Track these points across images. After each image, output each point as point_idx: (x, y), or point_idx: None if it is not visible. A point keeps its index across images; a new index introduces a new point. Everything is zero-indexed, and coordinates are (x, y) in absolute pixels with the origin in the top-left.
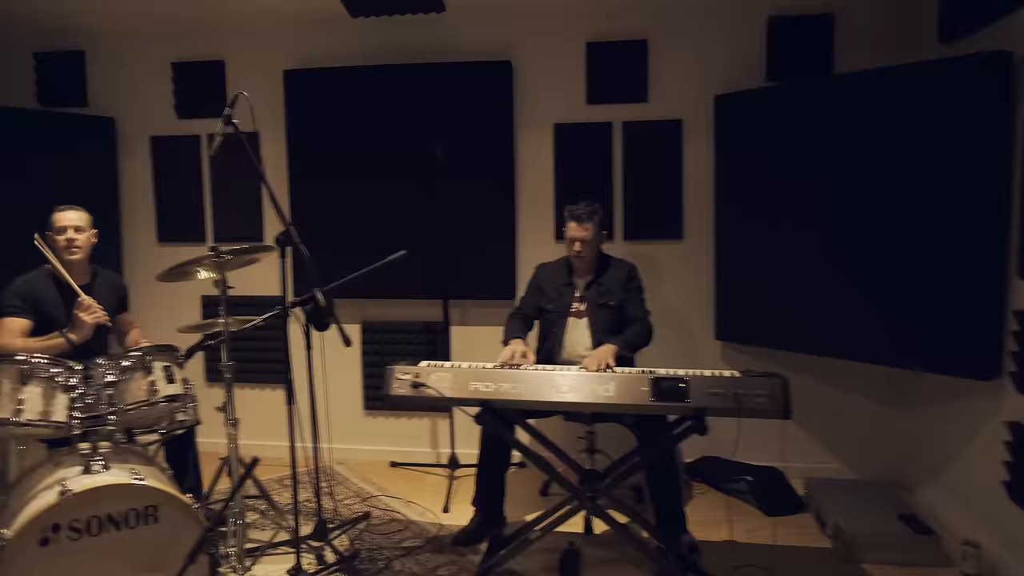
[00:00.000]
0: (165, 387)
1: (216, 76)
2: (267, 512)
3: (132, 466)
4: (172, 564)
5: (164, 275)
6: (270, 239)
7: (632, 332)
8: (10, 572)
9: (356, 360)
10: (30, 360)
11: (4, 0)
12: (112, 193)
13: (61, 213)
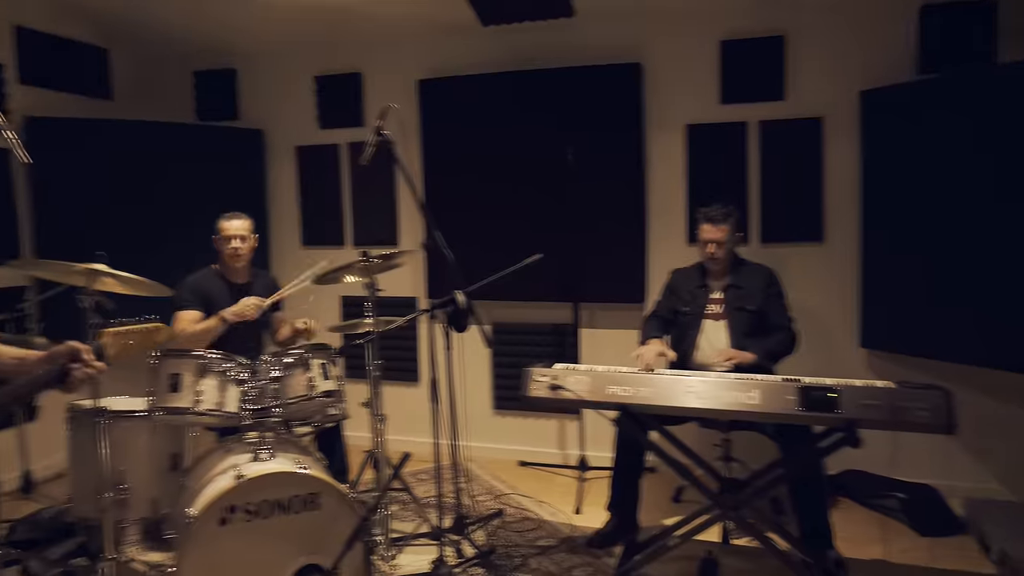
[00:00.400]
0: (322, 383)
1: (354, 87)
2: (407, 504)
3: (295, 455)
4: (330, 548)
5: (320, 278)
6: (405, 243)
7: (775, 341)
8: (194, 546)
9: (485, 361)
10: (207, 355)
11: (169, 26)
12: (261, 199)
13: (227, 221)
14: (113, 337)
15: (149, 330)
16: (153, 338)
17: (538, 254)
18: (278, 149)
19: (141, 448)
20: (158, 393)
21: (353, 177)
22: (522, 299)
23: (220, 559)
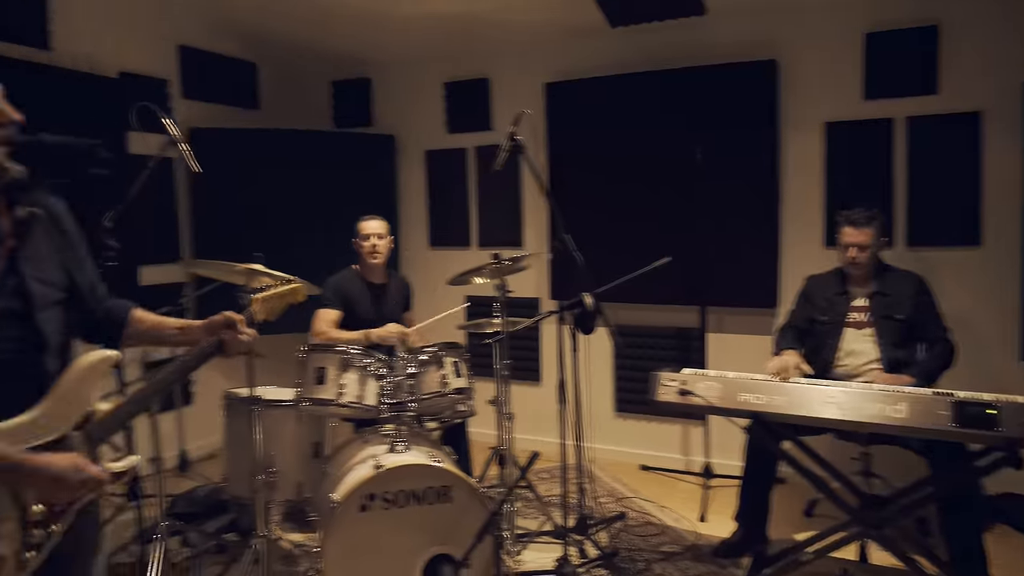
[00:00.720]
0: (454, 380)
1: (482, 93)
2: (531, 501)
3: (427, 449)
4: (460, 540)
5: (454, 279)
6: (530, 244)
7: (932, 356)
8: (337, 530)
9: (608, 363)
10: (349, 351)
11: (310, 40)
12: (392, 202)
13: (366, 222)
14: (261, 303)
15: (288, 291)
16: (294, 297)
17: (667, 257)
18: (408, 153)
19: (288, 435)
20: (305, 385)
21: (479, 180)
22: (647, 302)
23: (359, 543)
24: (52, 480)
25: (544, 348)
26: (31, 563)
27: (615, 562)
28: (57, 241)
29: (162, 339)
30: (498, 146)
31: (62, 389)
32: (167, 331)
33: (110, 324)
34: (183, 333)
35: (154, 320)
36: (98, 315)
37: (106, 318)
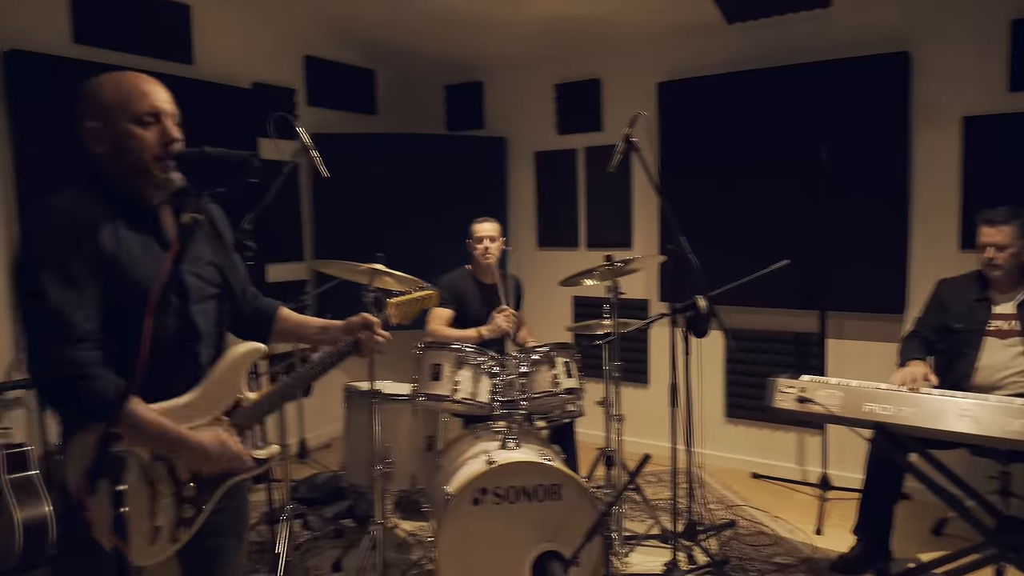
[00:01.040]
0: (565, 380)
1: (592, 93)
2: (638, 504)
3: (538, 447)
4: (569, 538)
5: (566, 281)
6: (639, 246)
7: None
8: (450, 521)
9: (718, 367)
10: (464, 348)
11: (425, 47)
12: (502, 203)
13: (479, 224)
14: (396, 307)
15: (422, 297)
16: (425, 303)
17: (785, 260)
18: (518, 155)
19: (404, 428)
20: (421, 380)
21: (588, 181)
22: (762, 305)
23: (471, 535)
24: (199, 453)
25: (652, 350)
26: (182, 536)
27: (725, 570)
28: (214, 244)
29: (304, 337)
30: (608, 147)
31: (215, 376)
32: (309, 330)
33: (258, 322)
34: (323, 332)
35: (298, 319)
36: (248, 313)
37: (255, 316)
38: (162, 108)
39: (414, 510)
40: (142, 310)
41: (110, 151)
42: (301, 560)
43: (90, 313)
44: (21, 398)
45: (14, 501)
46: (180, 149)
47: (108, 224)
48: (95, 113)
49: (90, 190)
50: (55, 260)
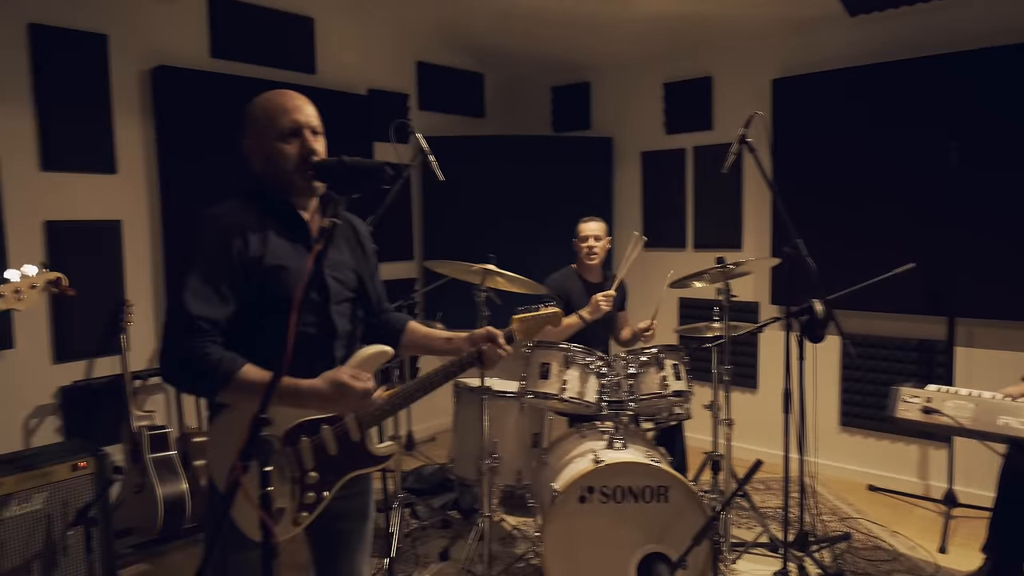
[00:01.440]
0: (674, 383)
1: (703, 92)
2: (746, 511)
3: (644, 448)
4: (675, 540)
5: (675, 282)
6: (749, 247)
7: None
8: (556, 517)
9: (833, 373)
10: (571, 348)
11: (532, 49)
12: (608, 203)
13: (585, 223)
14: (520, 323)
15: (549, 315)
16: (550, 322)
17: (910, 263)
18: (624, 155)
19: (511, 425)
20: (530, 378)
21: (697, 180)
22: (883, 310)
23: (577, 532)
24: (315, 396)
25: (762, 354)
26: (303, 520)
27: None
28: (354, 250)
29: (431, 349)
30: (719, 146)
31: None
32: (436, 342)
33: (388, 332)
34: (449, 344)
35: (425, 331)
36: (377, 323)
37: (385, 327)
38: (302, 123)
39: (519, 505)
40: (285, 308)
41: (263, 164)
42: (411, 547)
43: (220, 309)
44: (162, 384)
45: (156, 478)
46: (322, 159)
47: (258, 230)
48: (250, 130)
49: (248, 200)
50: (199, 260)
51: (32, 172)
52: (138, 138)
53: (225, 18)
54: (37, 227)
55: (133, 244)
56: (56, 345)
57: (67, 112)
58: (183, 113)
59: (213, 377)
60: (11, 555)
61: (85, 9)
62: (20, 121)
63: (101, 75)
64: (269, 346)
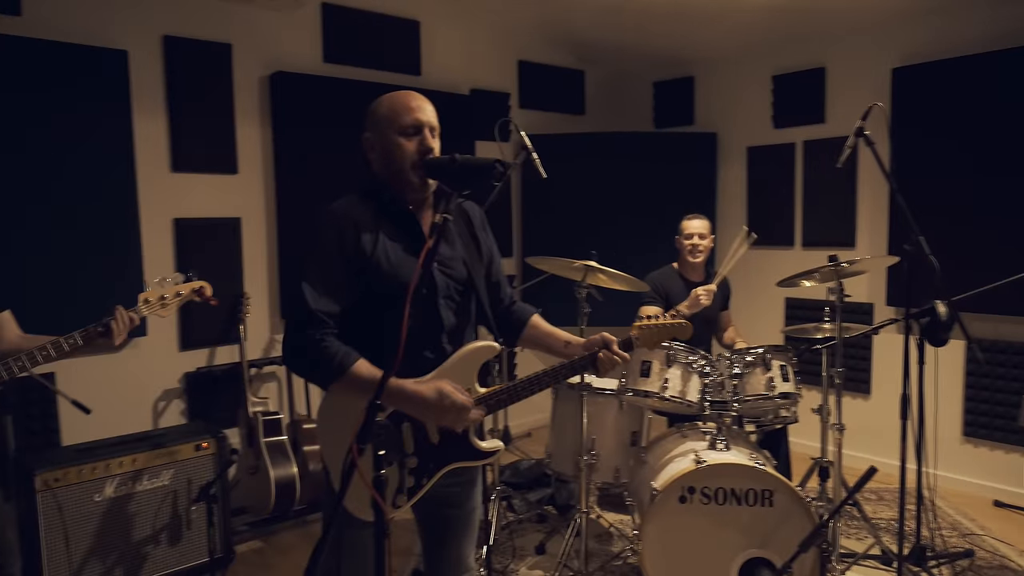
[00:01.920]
0: (781, 384)
1: (815, 83)
2: (855, 521)
3: (748, 451)
4: (779, 546)
5: (784, 281)
6: (864, 245)
7: None
8: (656, 516)
9: (957, 380)
10: (673, 346)
11: (634, 45)
12: (711, 200)
13: (688, 221)
14: (642, 331)
15: (674, 326)
16: (676, 333)
17: None
18: (729, 150)
19: (609, 422)
20: (630, 376)
21: (806, 176)
22: (1014, 313)
23: (676, 533)
24: (419, 402)
25: (876, 358)
26: (401, 503)
27: None
28: (467, 243)
29: (549, 348)
30: (832, 140)
31: (448, 366)
32: (556, 341)
33: (511, 324)
34: (565, 348)
35: (547, 329)
36: (501, 314)
37: (508, 318)
38: (423, 121)
39: (617, 504)
40: (395, 301)
41: (379, 159)
42: (507, 539)
43: (337, 301)
44: (275, 372)
45: (269, 461)
46: (435, 157)
47: (371, 225)
48: (372, 125)
49: (364, 197)
50: (318, 261)
51: (163, 173)
52: (256, 140)
53: (336, 24)
54: (167, 224)
55: (251, 240)
56: (182, 334)
57: (195, 117)
58: (297, 116)
59: (329, 369)
60: (143, 526)
61: (211, 20)
62: (154, 126)
63: (225, 82)
64: (379, 339)
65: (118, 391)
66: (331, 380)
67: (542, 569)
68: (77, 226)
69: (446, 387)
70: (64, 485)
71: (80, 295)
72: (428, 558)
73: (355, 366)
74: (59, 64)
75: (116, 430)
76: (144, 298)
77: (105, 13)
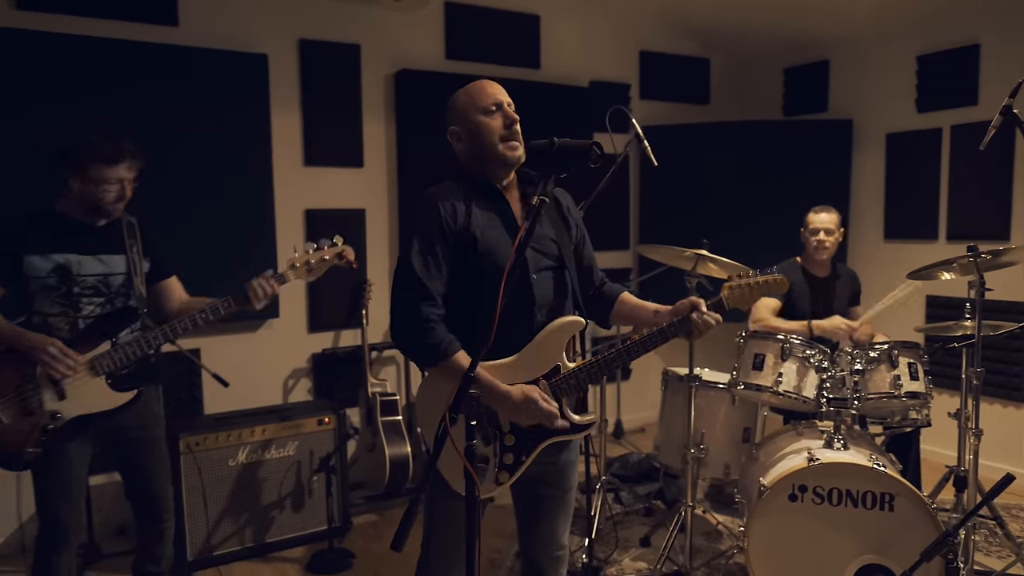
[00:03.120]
0: (908, 383)
1: (968, 62)
2: (996, 537)
3: (868, 452)
4: (899, 554)
5: (915, 273)
6: (1019, 237)
7: None
8: (763, 513)
9: None
10: (789, 340)
11: (764, 30)
12: (844, 191)
13: (816, 215)
14: (731, 289)
15: (768, 281)
16: (770, 290)
17: None
18: (865, 138)
19: (720, 416)
20: (741, 369)
21: (952, 163)
22: None
23: (785, 532)
24: (505, 401)
25: None
26: (503, 479)
27: None
28: (556, 223)
29: (640, 319)
30: (985, 123)
31: (537, 341)
32: (644, 313)
33: (602, 302)
34: (655, 317)
35: (636, 303)
36: (592, 293)
37: (600, 297)
38: (501, 99)
39: (726, 503)
40: (490, 277)
41: (467, 145)
42: (612, 530)
43: (440, 278)
44: (394, 356)
45: (385, 439)
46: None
47: (464, 206)
48: (454, 118)
49: (456, 180)
50: (420, 236)
51: (296, 167)
52: (381, 135)
53: (458, 21)
54: (299, 214)
55: (373, 230)
56: (310, 317)
57: (326, 113)
58: (419, 111)
59: (434, 353)
60: (270, 491)
61: (342, 23)
62: (290, 123)
63: (354, 80)
64: (474, 312)
65: (253, 367)
66: (431, 364)
67: (645, 561)
68: (222, 214)
69: (533, 393)
70: (204, 449)
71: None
72: (522, 535)
73: (455, 356)
74: (209, 68)
75: (250, 403)
76: (291, 263)
77: (249, 21)
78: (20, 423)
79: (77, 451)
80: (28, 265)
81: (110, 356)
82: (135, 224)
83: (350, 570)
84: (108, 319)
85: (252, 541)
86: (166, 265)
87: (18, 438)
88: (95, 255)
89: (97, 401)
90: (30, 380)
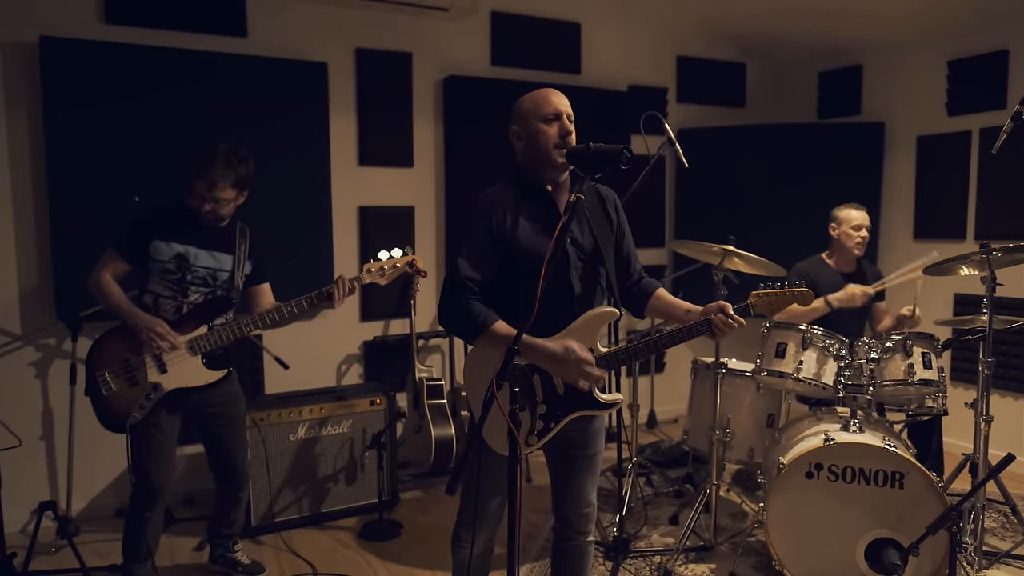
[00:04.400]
0: (922, 371)
1: (997, 67)
2: (1007, 520)
3: (882, 435)
4: (909, 529)
5: (930, 268)
6: None
7: None
8: (781, 490)
9: None
10: (810, 329)
11: (799, 34)
12: (875, 192)
13: (855, 211)
14: (760, 297)
15: (793, 294)
16: (796, 300)
17: None
18: (897, 140)
19: (746, 403)
20: (765, 357)
21: (981, 165)
22: None
23: (802, 508)
24: (549, 355)
25: None
26: (533, 442)
27: None
28: (598, 219)
29: (672, 315)
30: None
31: (574, 326)
32: (676, 310)
33: (639, 296)
34: (686, 315)
35: (670, 300)
36: (630, 286)
37: (636, 291)
38: (561, 110)
39: (752, 487)
40: (531, 275)
41: (524, 146)
42: (643, 509)
43: (483, 272)
44: (439, 345)
45: (431, 421)
46: (572, 145)
47: (513, 207)
48: (517, 119)
49: (508, 183)
50: (469, 233)
51: (352, 167)
52: (430, 137)
53: (503, 30)
54: (353, 211)
55: (422, 226)
56: (362, 307)
57: (379, 116)
58: (465, 115)
59: (474, 327)
60: (326, 465)
61: (394, 32)
62: (346, 126)
63: (406, 86)
64: (515, 305)
65: (310, 352)
66: (475, 336)
67: (673, 537)
68: (284, 210)
69: (572, 344)
70: (267, 424)
71: (283, 268)
72: (555, 494)
73: (495, 325)
74: (274, 76)
75: (307, 384)
76: (367, 268)
77: (310, 32)
78: (126, 392)
79: (168, 421)
80: (154, 249)
81: (206, 338)
82: (247, 230)
83: (398, 539)
84: (207, 306)
85: (309, 510)
86: (265, 272)
87: (124, 405)
88: (210, 251)
89: (193, 377)
90: (137, 354)
